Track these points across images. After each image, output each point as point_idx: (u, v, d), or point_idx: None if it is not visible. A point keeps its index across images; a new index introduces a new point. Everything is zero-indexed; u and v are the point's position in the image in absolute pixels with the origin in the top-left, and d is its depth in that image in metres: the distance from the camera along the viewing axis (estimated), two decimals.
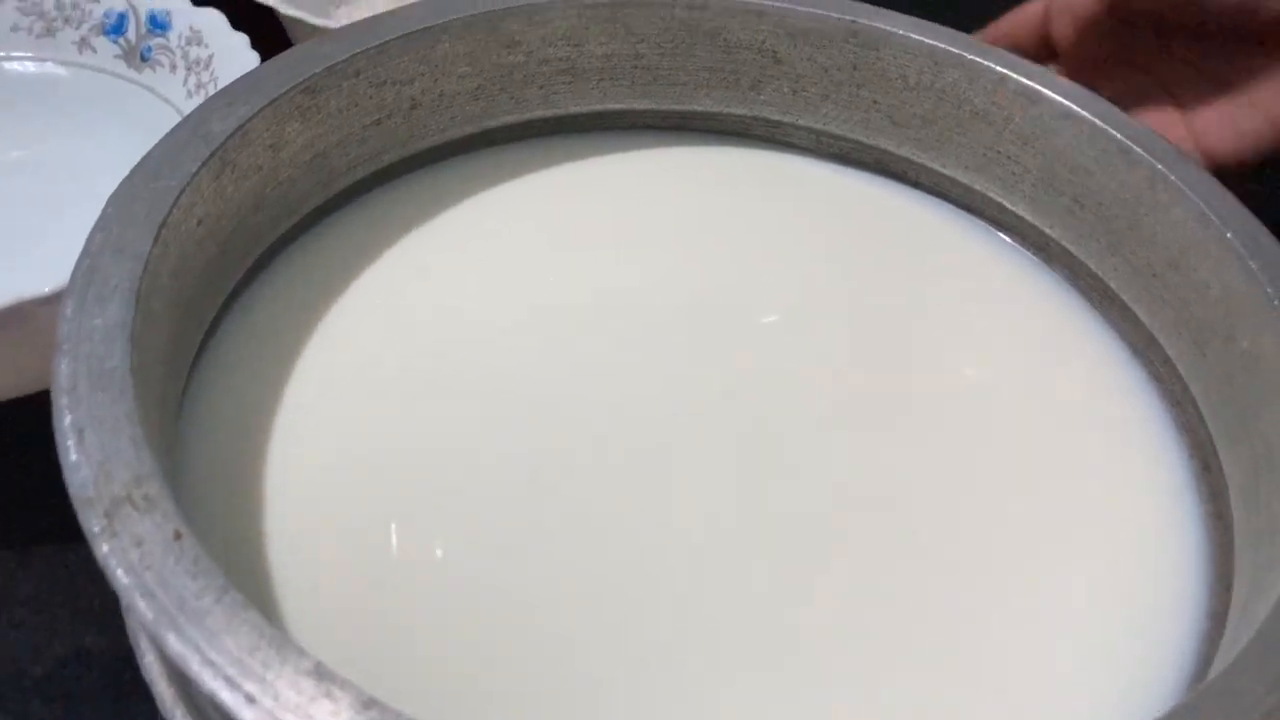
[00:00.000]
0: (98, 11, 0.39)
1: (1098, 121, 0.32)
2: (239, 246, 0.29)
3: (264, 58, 0.37)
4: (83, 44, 0.39)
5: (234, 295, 0.31)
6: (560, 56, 0.35)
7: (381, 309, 0.32)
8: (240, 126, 0.28)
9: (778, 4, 0.34)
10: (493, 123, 0.35)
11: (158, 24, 0.38)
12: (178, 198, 0.26)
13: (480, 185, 0.35)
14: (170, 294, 0.25)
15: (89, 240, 0.25)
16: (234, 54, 0.35)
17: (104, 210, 0.25)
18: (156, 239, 0.25)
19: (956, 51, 0.33)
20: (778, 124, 0.37)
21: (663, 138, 0.38)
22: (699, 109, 0.37)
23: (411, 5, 0.33)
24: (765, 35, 0.35)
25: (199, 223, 0.27)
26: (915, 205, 0.36)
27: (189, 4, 0.38)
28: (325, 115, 0.31)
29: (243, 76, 0.29)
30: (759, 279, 0.34)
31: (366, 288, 0.32)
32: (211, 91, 0.36)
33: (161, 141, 0.27)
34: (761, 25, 0.35)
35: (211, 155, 0.27)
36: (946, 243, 0.35)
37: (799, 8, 0.34)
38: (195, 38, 0.37)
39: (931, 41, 0.33)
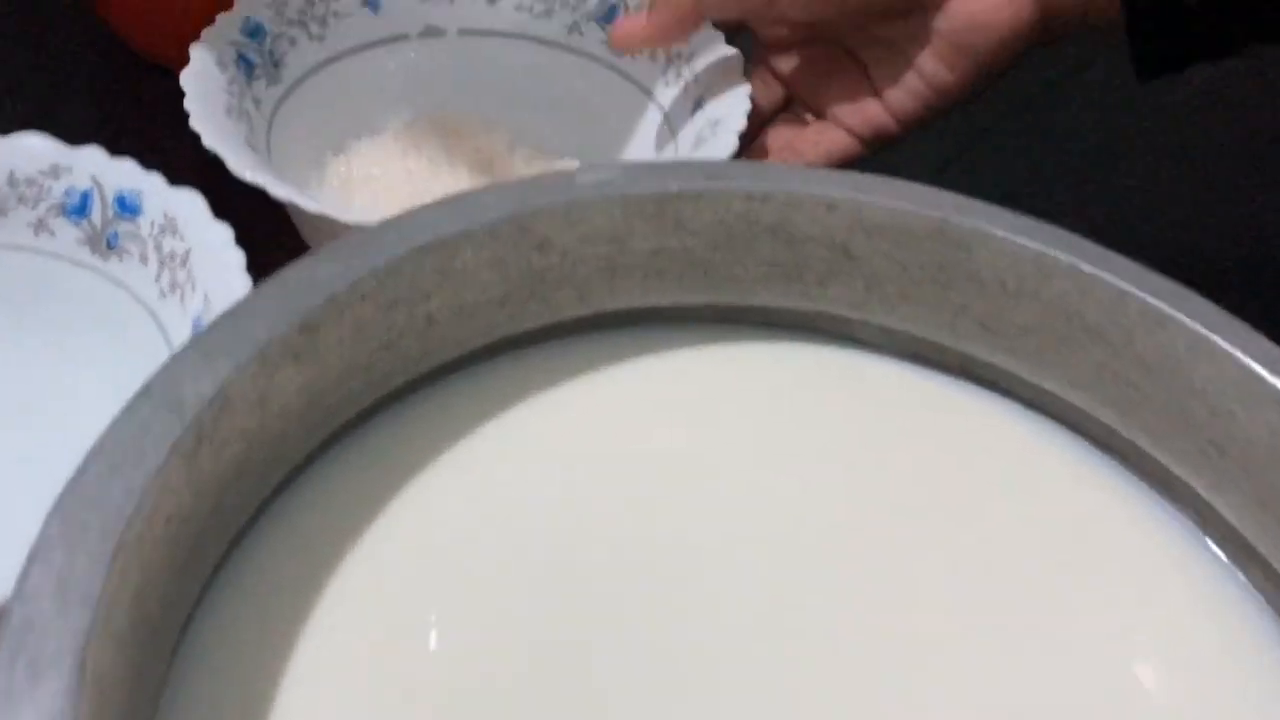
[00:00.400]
0: (57, 189, 0.34)
1: (1239, 355, 0.27)
2: (215, 528, 0.24)
3: (252, 248, 0.32)
4: (39, 226, 0.34)
5: (215, 570, 0.25)
6: (599, 255, 0.30)
7: (391, 564, 0.27)
8: (220, 391, 0.23)
9: (852, 195, 0.30)
10: (519, 329, 0.31)
11: (127, 207, 0.32)
12: (139, 502, 0.21)
13: (503, 398, 0.30)
14: (126, 637, 0.20)
15: (22, 576, 0.19)
16: (214, 253, 0.30)
17: (43, 530, 0.20)
18: (111, 568, 0.20)
19: (1067, 260, 0.28)
20: (846, 320, 0.32)
21: (713, 331, 0.33)
22: (756, 304, 0.32)
23: (426, 208, 0.28)
24: (836, 230, 0.30)
25: (168, 521, 0.22)
26: (1009, 418, 0.31)
27: (163, 183, 0.33)
28: (324, 352, 0.26)
29: (221, 318, 0.24)
30: (834, 496, 0.29)
31: (371, 540, 0.27)
32: (189, 295, 0.31)
33: (119, 419, 0.22)
34: (832, 219, 0.30)
35: (184, 433, 0.22)
36: (1049, 467, 0.30)
37: (877, 200, 0.30)
38: (170, 226, 0.32)
39: (1037, 246, 0.29)
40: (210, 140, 0.35)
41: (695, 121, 0.42)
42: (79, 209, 0.33)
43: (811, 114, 0.46)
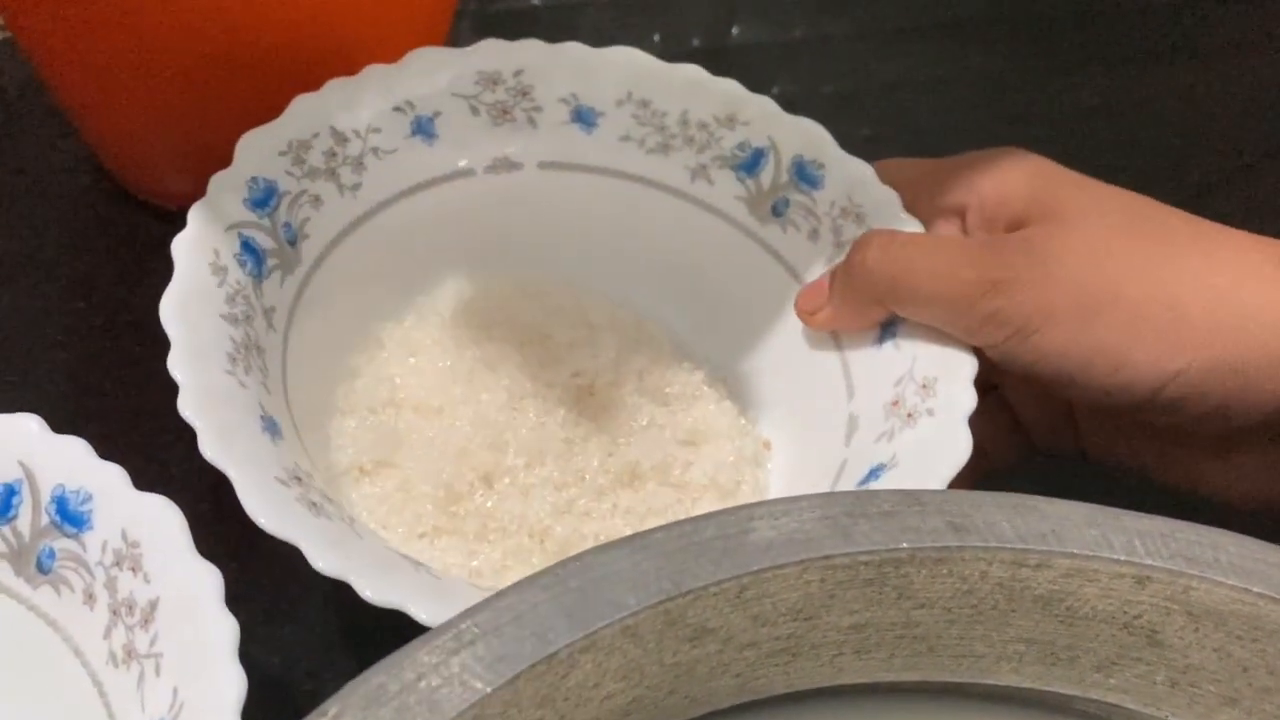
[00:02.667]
0: None
1: None
2: None
3: (235, 575, 0.21)
4: None
5: None
6: (778, 636, 0.20)
7: None
8: None
9: (1179, 569, 0.19)
10: None
11: (69, 515, 0.22)
12: None
13: None
14: None
15: None
16: (193, 618, 0.19)
17: None
18: None
19: None
20: (1133, 713, 0.22)
21: (916, 705, 0.23)
22: (992, 683, 0.22)
23: (529, 590, 0.18)
24: (1145, 609, 0.20)
25: None
26: None
27: (124, 483, 0.21)
28: None
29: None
30: None
31: None
32: (148, 679, 0.19)
33: None
34: (1142, 596, 0.20)
35: None
36: None
37: (1217, 579, 0.19)
38: (129, 556, 0.20)
39: None
40: (225, 464, 0.24)
41: (885, 360, 0.30)
42: (1, 509, 0.23)
43: None
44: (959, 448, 0.28)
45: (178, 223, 0.31)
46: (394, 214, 0.33)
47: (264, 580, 0.31)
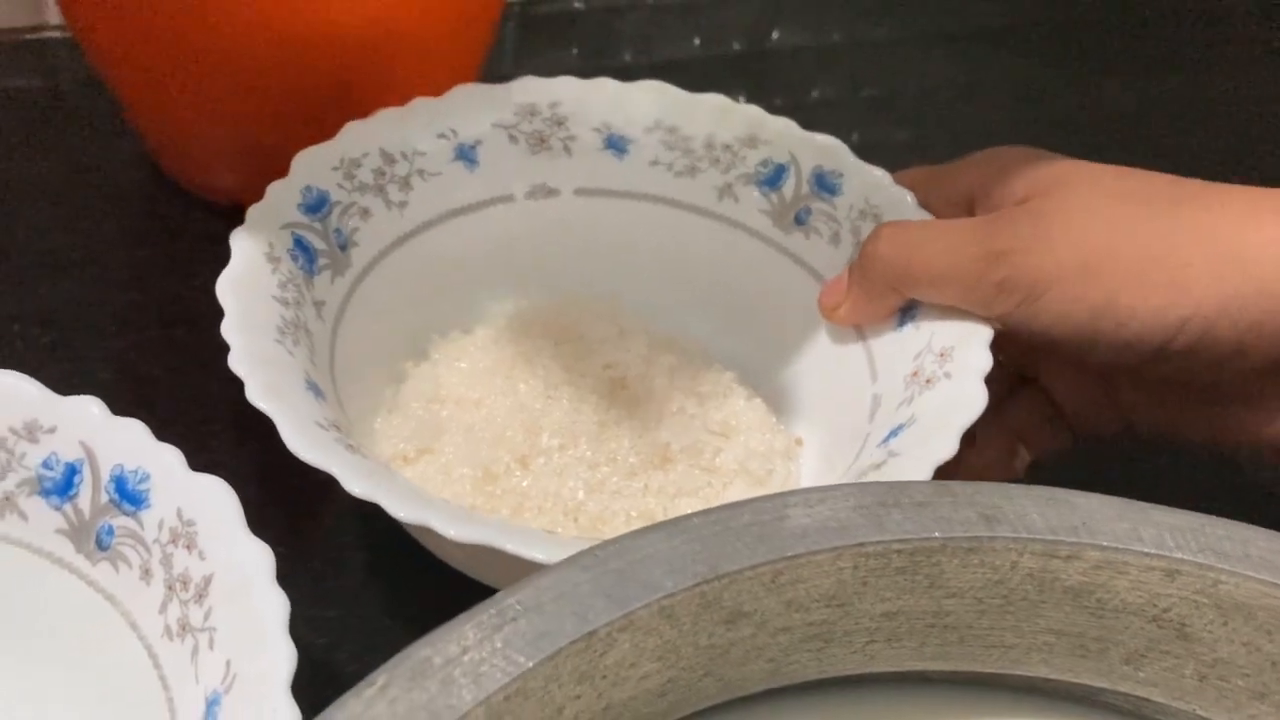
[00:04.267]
0: (33, 458, 0.24)
1: None
2: None
3: (281, 558, 0.22)
4: (4, 504, 0.24)
5: None
6: (812, 622, 0.20)
7: None
8: None
9: (1208, 563, 0.20)
10: (682, 713, 0.21)
11: (127, 494, 0.23)
12: None
13: None
14: None
15: None
16: (245, 592, 0.20)
17: None
18: None
19: None
20: (1161, 706, 0.22)
21: (946, 695, 0.23)
22: (1022, 674, 0.22)
23: (571, 571, 0.18)
24: (1174, 603, 0.20)
25: None
26: None
27: (180, 464, 0.22)
28: None
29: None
30: None
31: None
32: (203, 652, 0.20)
33: None
34: (1172, 589, 0.20)
35: None
36: None
37: (1246, 574, 0.20)
38: (185, 534, 0.22)
39: None
40: (269, 406, 0.25)
41: (903, 343, 0.31)
42: (61, 488, 0.24)
43: None
44: (974, 401, 0.29)
45: (229, 218, 0.32)
46: (440, 233, 0.35)
47: (311, 564, 0.32)
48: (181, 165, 0.42)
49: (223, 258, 0.30)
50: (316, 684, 0.22)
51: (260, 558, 0.21)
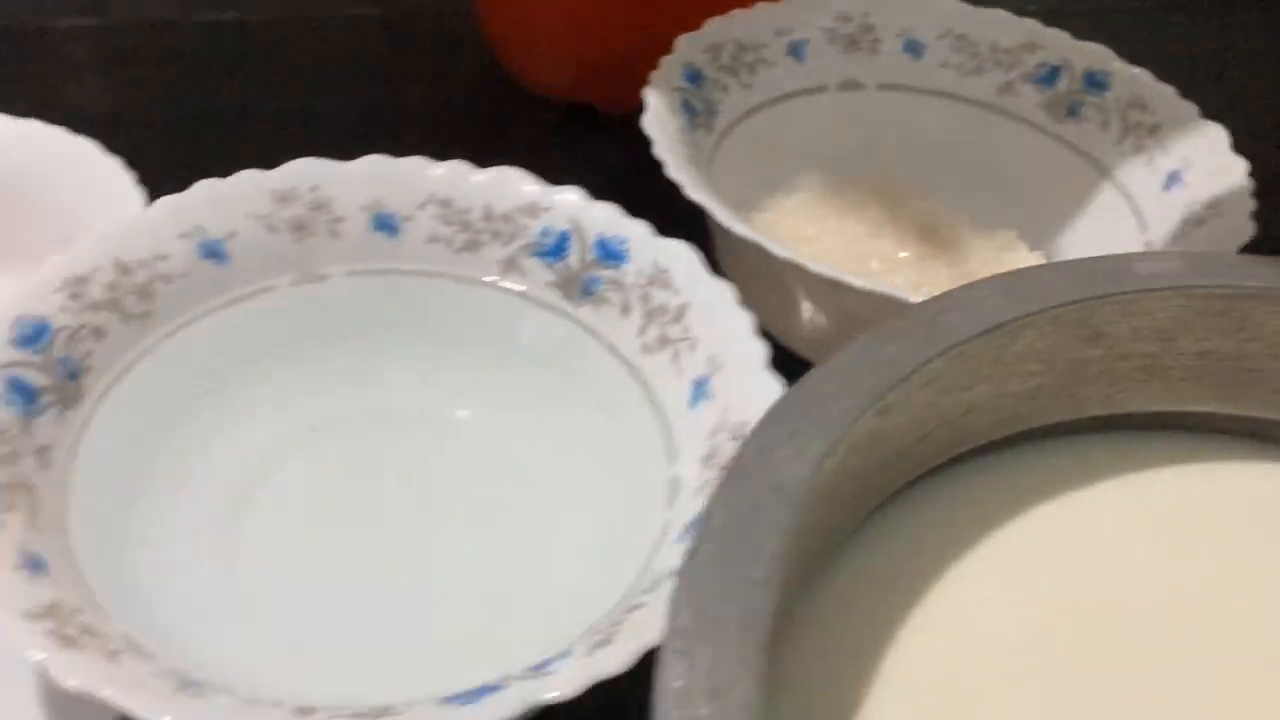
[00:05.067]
0: (533, 228, 0.32)
1: None
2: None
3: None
4: (509, 265, 0.32)
5: None
6: (1143, 352, 0.27)
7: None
8: (814, 472, 0.21)
9: None
10: (1039, 423, 0.28)
11: (610, 253, 0.31)
12: (767, 596, 0.18)
13: (1023, 491, 0.27)
14: None
15: (664, 673, 0.17)
16: (714, 311, 0.28)
17: (672, 621, 0.18)
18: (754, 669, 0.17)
19: None
20: None
21: (1247, 448, 0.29)
22: None
23: (978, 286, 0.25)
24: None
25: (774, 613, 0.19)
26: None
27: (650, 232, 0.30)
28: (885, 436, 0.23)
29: (793, 394, 0.22)
30: None
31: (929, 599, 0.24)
32: (684, 354, 0.29)
33: (721, 497, 0.20)
34: None
35: (792, 518, 0.20)
36: None
37: None
38: (660, 278, 0.30)
39: None
40: (694, 191, 0.33)
41: (1171, 202, 0.37)
42: (554, 250, 0.32)
43: None
44: None
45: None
46: (770, 114, 0.42)
47: None
48: (523, 67, 0.50)
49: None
50: None
51: (727, 289, 0.28)
